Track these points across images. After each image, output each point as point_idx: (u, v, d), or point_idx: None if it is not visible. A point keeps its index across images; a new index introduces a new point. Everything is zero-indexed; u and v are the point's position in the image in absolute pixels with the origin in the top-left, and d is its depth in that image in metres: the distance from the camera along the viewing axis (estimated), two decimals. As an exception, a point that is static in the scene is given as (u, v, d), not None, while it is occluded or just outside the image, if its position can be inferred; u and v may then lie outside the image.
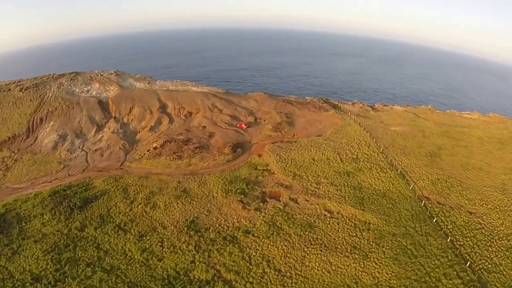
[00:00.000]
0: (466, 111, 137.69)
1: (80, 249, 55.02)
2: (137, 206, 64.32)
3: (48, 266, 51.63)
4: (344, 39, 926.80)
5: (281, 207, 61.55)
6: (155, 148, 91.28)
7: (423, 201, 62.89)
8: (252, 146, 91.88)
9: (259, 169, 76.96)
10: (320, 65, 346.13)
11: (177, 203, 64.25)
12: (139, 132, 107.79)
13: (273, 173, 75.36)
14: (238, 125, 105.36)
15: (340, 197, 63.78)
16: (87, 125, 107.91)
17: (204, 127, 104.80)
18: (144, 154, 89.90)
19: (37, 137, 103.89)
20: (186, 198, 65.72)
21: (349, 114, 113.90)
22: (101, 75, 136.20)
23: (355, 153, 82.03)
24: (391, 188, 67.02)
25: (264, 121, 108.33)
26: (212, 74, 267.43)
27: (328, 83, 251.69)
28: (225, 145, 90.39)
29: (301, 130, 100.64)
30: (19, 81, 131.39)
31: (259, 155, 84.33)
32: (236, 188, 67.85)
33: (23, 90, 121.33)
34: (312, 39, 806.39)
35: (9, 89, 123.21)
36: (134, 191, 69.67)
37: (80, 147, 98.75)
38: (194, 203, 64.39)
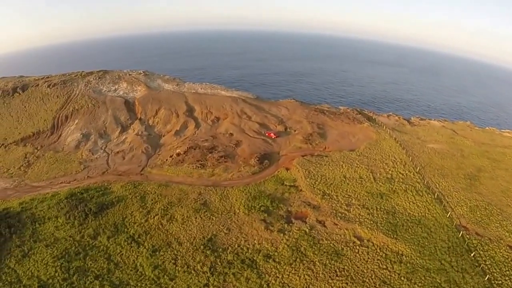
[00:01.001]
0: (503, 127, 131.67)
1: (90, 258, 54.51)
2: (154, 217, 63.31)
3: (57, 274, 51.40)
4: (381, 46, 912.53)
5: (307, 230, 58.42)
6: (178, 155, 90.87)
7: (461, 232, 58.13)
8: (280, 158, 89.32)
9: (286, 185, 74.20)
10: (355, 72, 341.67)
11: (196, 217, 62.61)
12: (163, 135, 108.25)
13: (301, 190, 72.28)
14: (266, 134, 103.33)
15: (371, 222, 59.98)
16: (112, 126, 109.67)
17: (231, 134, 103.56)
18: (166, 160, 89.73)
19: (61, 135, 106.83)
20: (206, 213, 63.98)
21: (384, 127, 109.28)
22: (129, 74, 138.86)
23: (390, 172, 77.92)
24: (427, 215, 62.52)
25: (295, 131, 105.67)
26: (245, 77, 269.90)
27: (362, 91, 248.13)
28: (252, 156, 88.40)
29: (333, 143, 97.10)
30: (48, 77, 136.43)
31: (287, 169, 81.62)
32: (260, 205, 65.37)
33: (50, 86, 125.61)
34: (350, 45, 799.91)
35: (37, 85, 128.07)
36: (152, 200, 68.95)
37: (103, 148, 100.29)
38: (214, 218, 62.51)
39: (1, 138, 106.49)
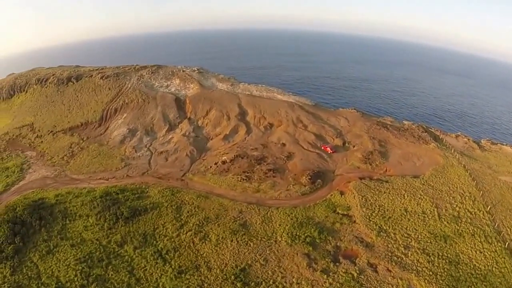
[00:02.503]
0: None
1: (112, 268, 53.19)
2: (186, 233, 60.48)
3: (76, 278, 50.90)
4: (451, 55, 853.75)
5: (355, 275, 51.56)
6: (223, 162, 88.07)
7: (530, 296, 48.34)
8: (334, 178, 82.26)
9: (339, 213, 67.22)
10: (420, 82, 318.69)
11: (232, 240, 58.51)
12: (211, 139, 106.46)
13: (354, 221, 64.88)
14: (322, 148, 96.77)
15: (430, 273, 51.65)
16: (159, 123, 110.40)
17: (284, 144, 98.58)
18: (210, 166, 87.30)
19: (108, 128, 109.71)
20: (244, 236, 59.60)
21: (452, 150, 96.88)
22: (183, 71, 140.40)
23: (457, 208, 67.54)
24: (494, 269, 52.84)
25: (354, 146, 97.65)
26: (304, 79, 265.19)
27: (426, 104, 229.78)
28: (304, 172, 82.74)
29: (395, 165, 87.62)
30: (102, 69, 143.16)
31: (341, 193, 74.42)
32: (305, 234, 59.65)
33: (103, 78, 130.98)
34: (419, 52, 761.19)
35: (91, 76, 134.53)
36: (188, 212, 66.49)
37: (147, 146, 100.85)
38: (252, 244, 57.85)
39: (51, 125, 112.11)
